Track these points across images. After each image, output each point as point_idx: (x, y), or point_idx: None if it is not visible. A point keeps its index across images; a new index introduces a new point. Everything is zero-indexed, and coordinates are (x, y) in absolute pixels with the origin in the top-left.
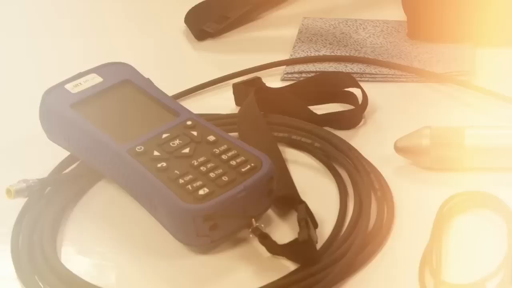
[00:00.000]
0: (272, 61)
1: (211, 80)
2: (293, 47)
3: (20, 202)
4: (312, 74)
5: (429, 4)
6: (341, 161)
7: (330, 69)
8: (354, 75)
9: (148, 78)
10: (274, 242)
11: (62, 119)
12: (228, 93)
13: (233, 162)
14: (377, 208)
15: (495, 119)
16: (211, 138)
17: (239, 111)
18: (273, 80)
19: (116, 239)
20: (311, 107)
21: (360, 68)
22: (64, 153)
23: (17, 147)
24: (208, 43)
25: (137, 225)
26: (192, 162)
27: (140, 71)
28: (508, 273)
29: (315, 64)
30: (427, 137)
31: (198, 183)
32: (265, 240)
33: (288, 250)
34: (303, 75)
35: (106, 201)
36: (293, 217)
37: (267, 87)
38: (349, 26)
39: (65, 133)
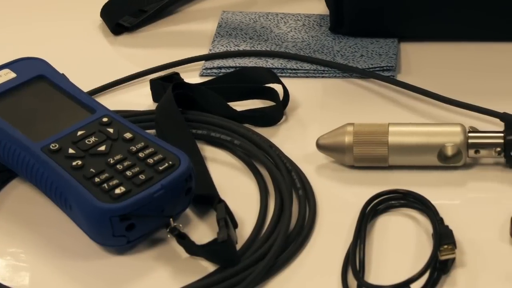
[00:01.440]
0: (191, 56)
1: (127, 76)
2: (212, 41)
3: None
4: (232, 70)
5: None
6: (261, 159)
7: (250, 65)
8: (275, 71)
9: (62, 74)
10: (193, 243)
11: None
12: (145, 89)
13: (150, 160)
14: (298, 207)
15: (419, 116)
16: (128, 135)
17: (156, 108)
18: (192, 76)
19: (30, 240)
20: (231, 104)
21: (281, 64)
22: None
23: None
24: (125, 37)
25: (51, 225)
26: (108, 160)
27: (54, 67)
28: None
29: (235, 59)
30: (350, 134)
31: (114, 181)
32: (183, 240)
33: (207, 250)
34: (223, 70)
35: (20, 200)
36: (212, 216)
37: (185, 83)
38: (269, 20)
39: None
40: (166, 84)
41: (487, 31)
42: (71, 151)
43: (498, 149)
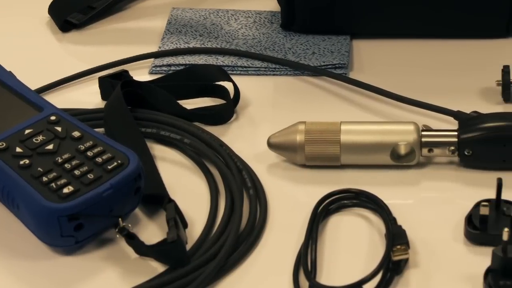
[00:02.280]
0: (140, 53)
1: (76, 74)
2: (162, 39)
3: None
4: (182, 67)
5: None
6: (212, 158)
7: (200, 62)
8: (226, 68)
9: (10, 72)
10: (142, 243)
11: None
12: (94, 87)
13: (99, 159)
14: (249, 207)
15: (372, 114)
16: (76, 134)
17: (105, 106)
18: (141, 74)
19: None
20: (181, 102)
21: (232, 61)
22: None
23: None
24: (73, 34)
25: None
26: (56, 159)
27: (1, 64)
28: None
29: (185, 56)
30: (301, 133)
31: (62, 181)
32: (133, 240)
33: (157, 251)
34: (172, 68)
35: None
36: (162, 216)
37: (134, 80)
38: (220, 17)
39: None
40: (115, 82)
41: (440, 27)
42: (18, 150)
43: (452, 148)
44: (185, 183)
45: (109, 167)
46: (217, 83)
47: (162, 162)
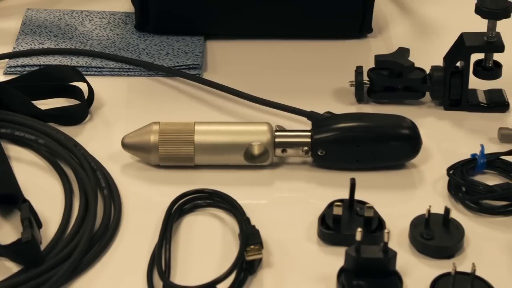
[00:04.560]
0: None
1: None
2: (16, 39)
3: None
4: (36, 68)
5: None
6: (66, 158)
7: (55, 63)
8: (80, 69)
9: None
10: None
11: None
12: None
13: None
14: (103, 207)
15: (226, 115)
16: None
17: None
18: None
19: None
20: (36, 102)
21: (86, 62)
22: None
23: None
24: None
25: None
26: None
27: None
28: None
29: (39, 57)
30: (155, 133)
31: None
32: None
33: (11, 251)
34: (27, 69)
35: None
36: (17, 216)
37: None
38: (74, 18)
39: None
40: None
41: (294, 29)
42: None
43: (306, 148)
44: (40, 184)
45: None
46: (71, 83)
47: (17, 163)
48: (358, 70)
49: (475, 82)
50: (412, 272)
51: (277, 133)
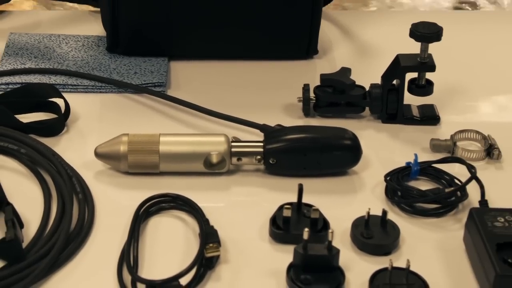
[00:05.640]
0: None
1: None
2: (1, 60)
3: None
4: (18, 86)
5: (125, 20)
6: (45, 166)
7: (35, 81)
8: (57, 86)
9: None
10: None
11: None
12: None
13: None
14: (78, 209)
15: (188, 127)
16: None
17: None
18: None
19: None
20: (18, 116)
21: (63, 80)
22: None
23: None
24: None
25: None
26: None
27: None
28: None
29: (21, 76)
30: (124, 144)
31: None
32: None
33: None
34: (10, 86)
35: None
36: (1, 218)
37: None
38: (52, 41)
39: None
40: None
41: (249, 50)
42: None
43: (258, 157)
44: (22, 189)
45: None
46: (50, 99)
47: (1, 170)
48: (305, 88)
49: (409, 98)
50: (353, 267)
51: (233, 144)
